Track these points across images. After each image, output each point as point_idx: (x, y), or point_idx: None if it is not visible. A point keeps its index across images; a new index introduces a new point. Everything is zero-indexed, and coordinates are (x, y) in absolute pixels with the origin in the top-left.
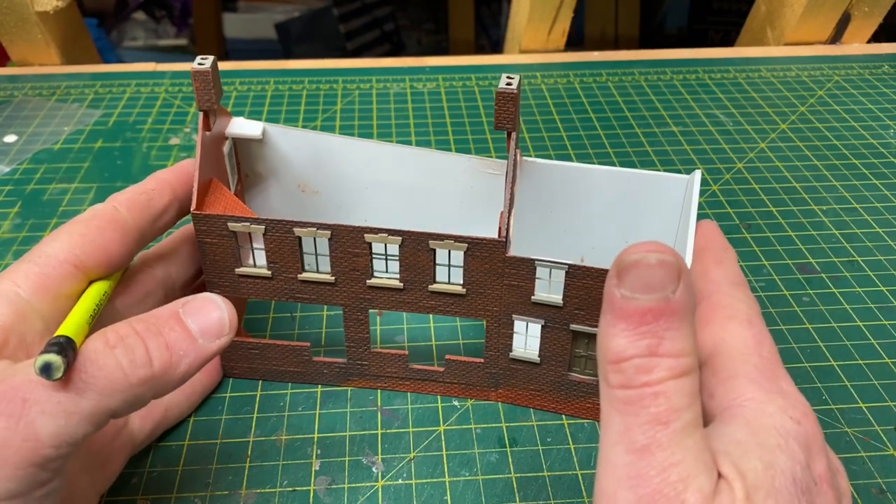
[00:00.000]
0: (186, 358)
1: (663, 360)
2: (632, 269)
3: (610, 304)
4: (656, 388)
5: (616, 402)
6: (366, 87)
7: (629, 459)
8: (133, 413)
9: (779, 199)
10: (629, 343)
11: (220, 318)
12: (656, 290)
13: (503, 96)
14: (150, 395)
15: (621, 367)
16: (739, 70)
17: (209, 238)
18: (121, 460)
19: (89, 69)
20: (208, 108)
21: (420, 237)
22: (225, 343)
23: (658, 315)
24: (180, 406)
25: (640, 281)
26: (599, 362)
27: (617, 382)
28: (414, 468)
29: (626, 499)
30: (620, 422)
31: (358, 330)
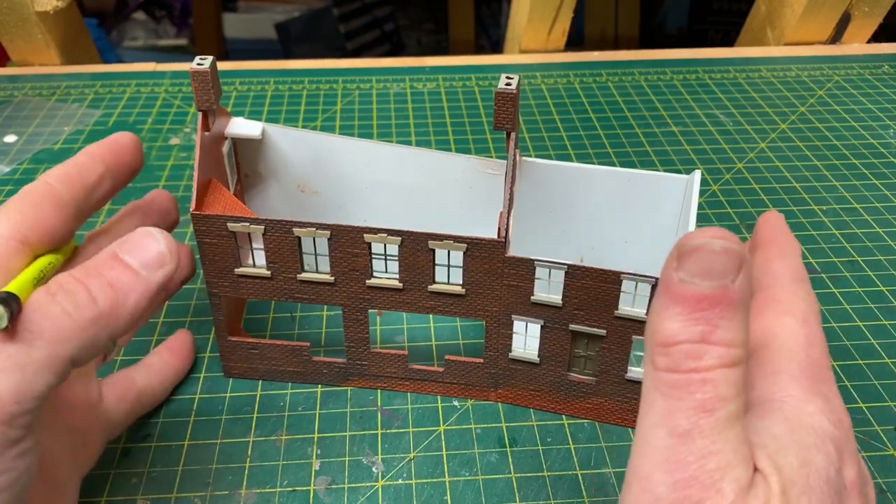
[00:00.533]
0: (133, 293)
1: (714, 349)
2: (694, 253)
3: (666, 287)
4: (704, 374)
5: (661, 385)
6: (366, 87)
7: (669, 443)
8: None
9: (779, 199)
10: (682, 327)
11: (159, 249)
12: (717, 277)
13: (502, 96)
14: (103, 334)
15: (670, 350)
16: (739, 70)
17: (209, 238)
18: (99, 441)
19: (89, 69)
20: (207, 108)
21: (419, 237)
22: (169, 271)
23: (715, 302)
24: (154, 389)
25: (701, 266)
26: (647, 343)
27: (664, 365)
28: (414, 468)
29: (661, 481)
30: (663, 405)
31: (357, 330)
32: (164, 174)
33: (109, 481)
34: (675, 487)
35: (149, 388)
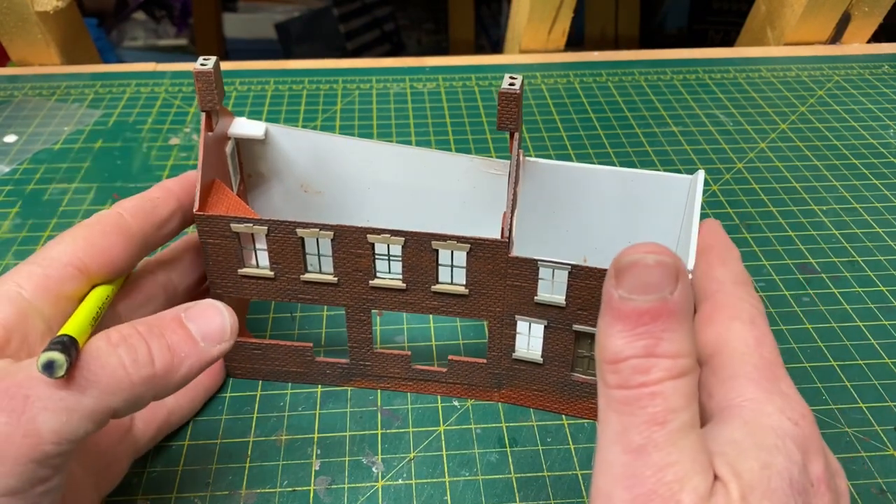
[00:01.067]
0: (188, 360)
1: (661, 361)
2: (629, 269)
3: (608, 305)
4: (653, 388)
5: (613, 403)
6: (366, 87)
7: (625, 459)
8: (137, 416)
9: (779, 199)
10: (626, 343)
11: (222, 323)
12: (654, 290)
13: (506, 96)
14: (150, 395)
15: (618, 367)
16: (739, 70)
17: (212, 239)
18: (124, 464)
19: (89, 69)
20: (211, 109)
21: (423, 238)
22: (226, 348)
23: (655, 316)
24: (183, 409)
25: (637, 282)
26: (597, 362)
27: (614, 382)
28: (414, 468)
29: (621, 498)
30: (617, 422)
31: (360, 330)
32: (164, 174)
33: None
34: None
35: (178, 408)
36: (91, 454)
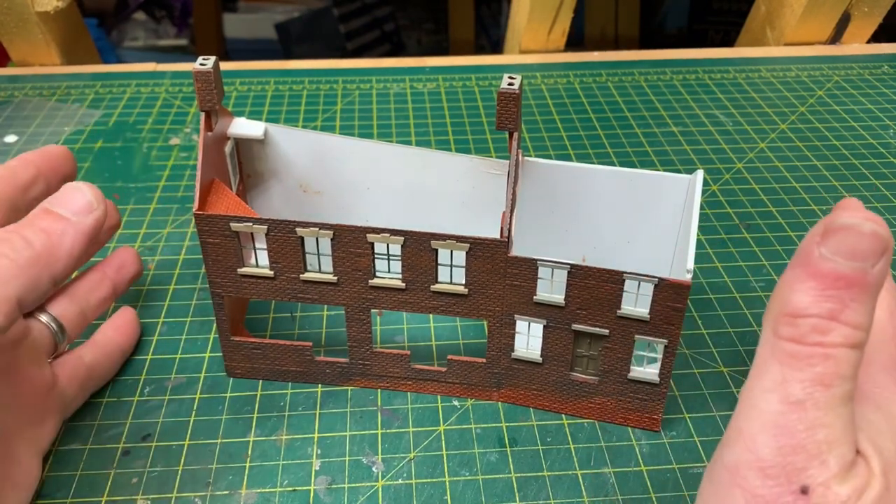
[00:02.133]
0: (66, 235)
1: (842, 327)
2: (841, 232)
3: (804, 259)
4: (829, 350)
5: (780, 353)
6: (366, 88)
7: (780, 408)
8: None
9: (779, 199)
10: (813, 301)
11: (85, 197)
12: (859, 258)
13: (505, 96)
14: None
15: (798, 321)
16: (739, 70)
17: (212, 238)
18: (55, 419)
19: (89, 69)
20: (210, 109)
21: (422, 237)
22: (99, 216)
23: (851, 283)
24: (102, 366)
25: (846, 245)
26: (771, 312)
27: (788, 335)
28: (414, 468)
29: (765, 443)
30: (779, 372)
31: (360, 330)
32: (164, 174)
33: (109, 481)
34: (781, 452)
35: (97, 364)
36: (21, 412)
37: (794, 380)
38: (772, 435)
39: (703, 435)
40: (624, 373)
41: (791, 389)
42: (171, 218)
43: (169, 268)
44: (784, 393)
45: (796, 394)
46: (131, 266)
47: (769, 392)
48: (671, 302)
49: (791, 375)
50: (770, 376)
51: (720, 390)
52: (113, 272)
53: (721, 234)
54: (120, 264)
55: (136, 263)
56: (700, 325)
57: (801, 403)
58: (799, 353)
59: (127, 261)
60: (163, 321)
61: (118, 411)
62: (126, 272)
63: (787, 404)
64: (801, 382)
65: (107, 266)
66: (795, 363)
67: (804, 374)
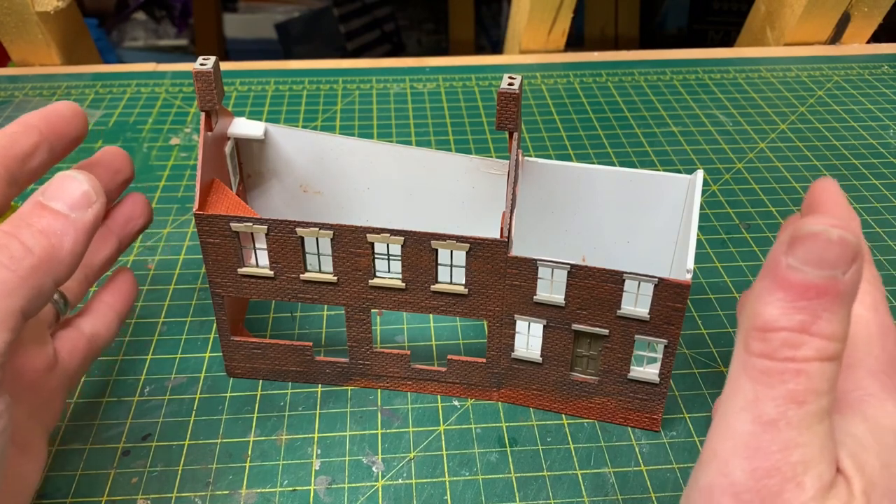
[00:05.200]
0: (66, 235)
1: (814, 340)
2: (808, 240)
3: (772, 271)
4: (800, 365)
5: (751, 370)
6: (366, 88)
7: (752, 429)
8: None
9: (779, 199)
10: (783, 314)
11: (82, 189)
12: (828, 267)
13: (505, 96)
14: (50, 280)
15: (768, 336)
16: (739, 70)
17: (212, 238)
18: (60, 397)
19: (90, 69)
20: (210, 109)
21: (422, 237)
22: (99, 209)
23: (821, 293)
24: (101, 334)
25: (813, 254)
26: (742, 327)
27: (759, 350)
28: (414, 468)
29: (739, 467)
30: (751, 390)
31: (360, 330)
32: (164, 174)
33: (109, 481)
34: (754, 475)
35: (96, 335)
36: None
37: (766, 398)
38: (745, 457)
39: (703, 435)
40: (624, 373)
41: (763, 408)
42: (172, 218)
43: (169, 268)
44: (756, 412)
45: (769, 413)
46: (140, 217)
47: (742, 411)
48: (671, 302)
49: (763, 393)
50: (742, 394)
51: (720, 390)
52: (119, 227)
53: (721, 234)
54: (127, 216)
55: (145, 214)
56: (700, 325)
57: (773, 423)
58: (770, 370)
59: (135, 212)
60: (163, 321)
61: (118, 411)
62: (133, 225)
63: (759, 424)
64: (774, 400)
65: (111, 221)
66: (767, 380)
67: (776, 391)
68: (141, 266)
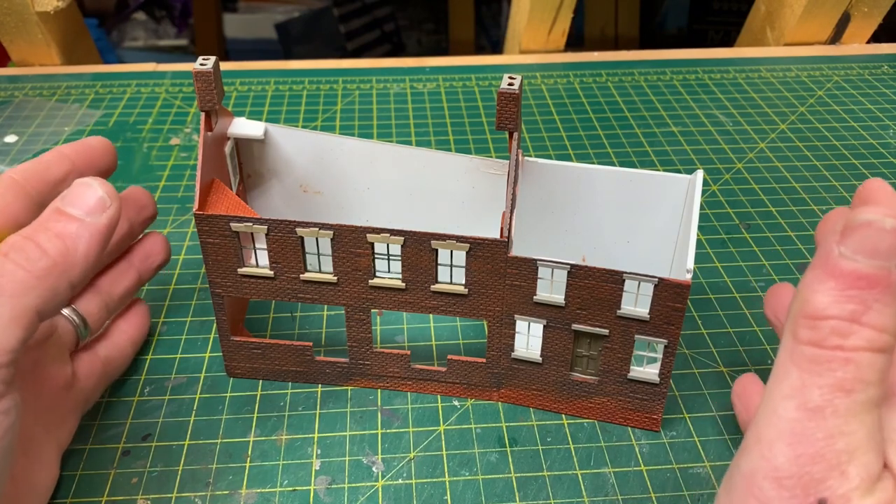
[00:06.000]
0: (81, 238)
1: (864, 330)
2: (861, 229)
3: (824, 259)
4: (849, 354)
5: (799, 357)
6: (366, 88)
7: (798, 416)
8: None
9: (778, 199)
10: (833, 302)
11: (97, 195)
12: (881, 257)
13: (505, 96)
14: (65, 282)
15: (817, 324)
16: (739, 70)
17: (212, 238)
18: (75, 417)
19: (90, 69)
20: (210, 109)
21: (422, 237)
22: (114, 214)
23: (873, 283)
24: (115, 359)
25: (866, 243)
26: (792, 314)
27: (807, 338)
28: (414, 468)
29: (783, 452)
30: (798, 377)
31: (360, 330)
32: (164, 174)
33: (109, 481)
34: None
35: (111, 359)
36: (44, 412)
37: (813, 385)
38: (788, 443)
39: (703, 435)
40: (624, 373)
41: (810, 395)
42: (171, 218)
43: (169, 268)
44: (802, 399)
45: (815, 400)
46: (159, 255)
47: (787, 398)
48: (671, 302)
49: (810, 381)
50: (789, 382)
51: (720, 390)
52: (139, 261)
53: (721, 234)
54: (147, 253)
55: (164, 252)
56: (700, 325)
57: (819, 410)
58: (818, 358)
59: (154, 249)
60: (163, 321)
61: (118, 411)
62: (153, 261)
63: (804, 411)
64: (820, 388)
65: (133, 255)
66: (815, 368)
67: (823, 379)
68: None
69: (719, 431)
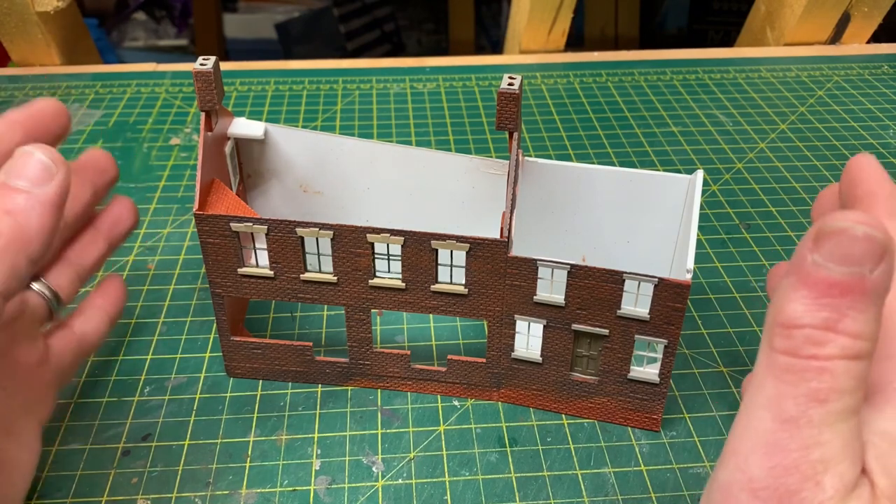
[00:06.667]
0: (33, 211)
1: (838, 338)
2: (832, 236)
3: (797, 267)
4: (823, 363)
5: (774, 367)
6: (366, 88)
7: (772, 426)
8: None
9: (778, 199)
10: (806, 311)
11: (42, 163)
12: (853, 264)
13: (505, 96)
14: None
15: (791, 333)
16: (739, 70)
17: (212, 238)
18: (52, 392)
19: (90, 69)
20: (210, 109)
21: (422, 237)
22: (63, 180)
23: (846, 291)
24: (91, 334)
25: (838, 251)
26: (768, 323)
27: (782, 347)
28: (414, 468)
29: (758, 464)
30: (773, 387)
31: (360, 330)
32: (164, 174)
33: (109, 481)
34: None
35: (87, 334)
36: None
37: (788, 395)
38: (763, 454)
39: (703, 435)
40: (624, 373)
41: (784, 406)
42: (171, 218)
43: (169, 268)
44: (777, 410)
45: (789, 410)
46: (127, 220)
47: (762, 409)
48: (671, 302)
49: (785, 391)
50: (764, 392)
51: (720, 390)
52: (107, 228)
53: (721, 234)
54: (115, 219)
55: (132, 216)
56: (700, 325)
57: (794, 421)
58: (793, 367)
59: (122, 214)
60: (163, 321)
61: (118, 411)
62: (121, 227)
63: (779, 422)
64: (795, 398)
65: (100, 222)
66: (789, 377)
67: (798, 389)
68: (141, 266)
69: (719, 431)
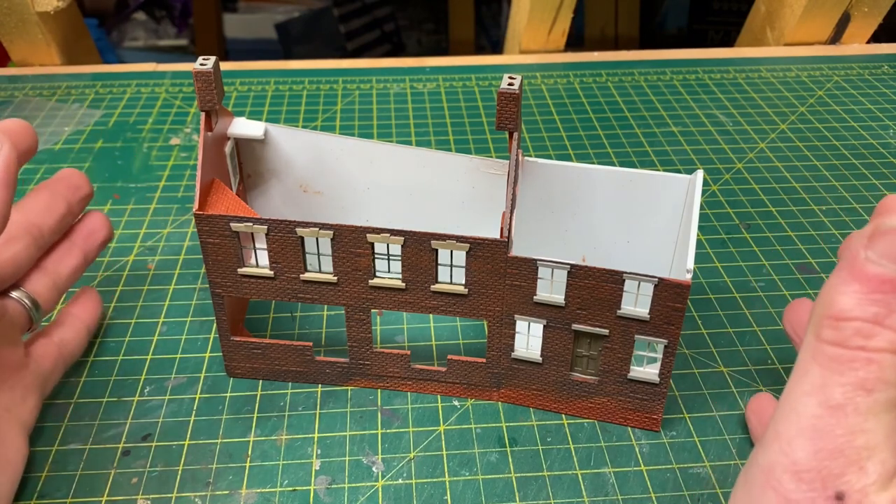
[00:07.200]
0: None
1: (886, 332)
2: (889, 235)
3: (850, 262)
4: (871, 354)
5: (821, 356)
6: (366, 88)
7: (818, 412)
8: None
9: (778, 199)
10: (857, 305)
11: None
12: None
13: (505, 96)
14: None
15: (841, 325)
16: (739, 70)
17: (212, 238)
18: (35, 396)
19: (90, 69)
20: (210, 109)
21: (422, 237)
22: (7, 153)
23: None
24: (70, 341)
25: (893, 249)
26: (815, 314)
27: (830, 338)
28: (414, 468)
29: (803, 447)
30: (819, 375)
31: (360, 330)
32: (164, 174)
33: (109, 481)
34: (817, 456)
35: (66, 341)
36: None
37: (835, 384)
38: (809, 438)
39: (703, 435)
40: (624, 373)
41: (831, 393)
42: (171, 218)
43: (169, 268)
44: (823, 397)
45: (836, 398)
46: (100, 231)
47: (808, 396)
48: (671, 302)
49: (831, 379)
50: (810, 380)
51: (720, 390)
52: (82, 240)
53: (721, 234)
54: (89, 231)
55: (106, 228)
56: (700, 325)
57: (840, 408)
58: (841, 357)
59: (96, 227)
60: (163, 321)
61: (118, 411)
62: (95, 238)
63: (826, 408)
64: (842, 386)
65: (75, 234)
66: (837, 367)
67: (845, 377)
68: (141, 266)
69: (719, 431)
